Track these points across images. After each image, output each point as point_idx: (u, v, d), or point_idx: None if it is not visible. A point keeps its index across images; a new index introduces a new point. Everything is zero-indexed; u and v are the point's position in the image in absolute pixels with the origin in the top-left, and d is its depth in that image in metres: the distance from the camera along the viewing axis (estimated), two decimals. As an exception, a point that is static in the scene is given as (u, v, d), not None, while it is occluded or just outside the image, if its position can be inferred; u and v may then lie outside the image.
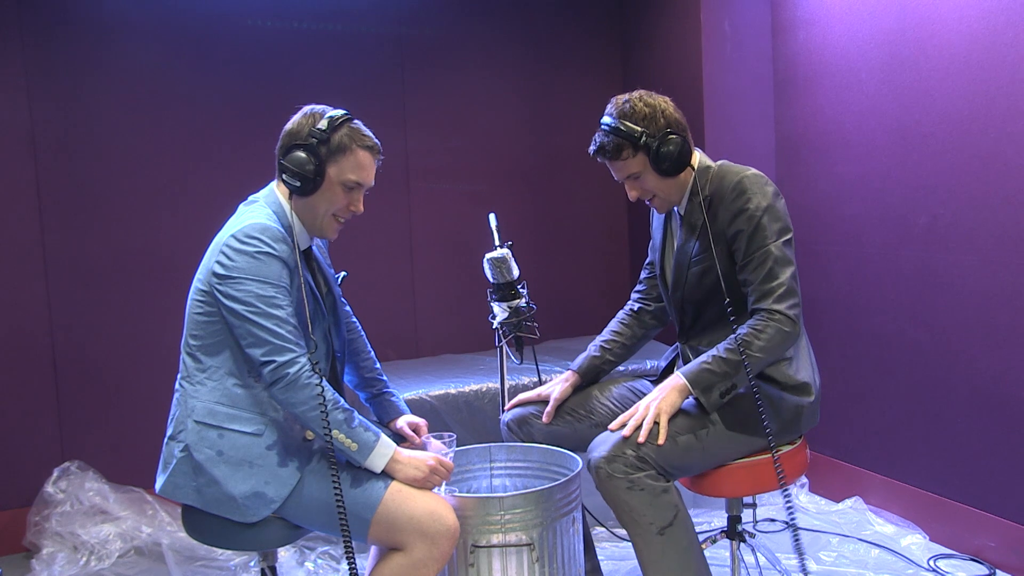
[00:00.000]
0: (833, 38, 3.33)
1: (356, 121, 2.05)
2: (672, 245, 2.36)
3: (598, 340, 2.52)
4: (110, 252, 3.44)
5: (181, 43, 3.50)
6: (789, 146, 3.61)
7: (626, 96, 2.21)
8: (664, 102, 2.20)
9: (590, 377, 2.47)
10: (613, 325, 2.55)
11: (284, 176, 1.99)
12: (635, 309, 2.55)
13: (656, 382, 2.43)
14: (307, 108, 2.06)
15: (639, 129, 2.15)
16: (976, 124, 2.80)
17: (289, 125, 2.04)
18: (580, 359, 2.49)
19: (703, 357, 2.14)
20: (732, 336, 2.11)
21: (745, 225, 2.14)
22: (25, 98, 3.31)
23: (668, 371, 2.43)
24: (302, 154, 1.97)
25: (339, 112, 2.03)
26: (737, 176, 2.19)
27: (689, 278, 2.27)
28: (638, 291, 2.57)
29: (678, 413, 2.14)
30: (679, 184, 2.24)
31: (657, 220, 2.46)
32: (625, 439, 2.09)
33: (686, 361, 2.31)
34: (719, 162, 2.28)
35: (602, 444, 2.12)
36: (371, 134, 2.06)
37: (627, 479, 2.05)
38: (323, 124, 1.99)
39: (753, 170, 2.21)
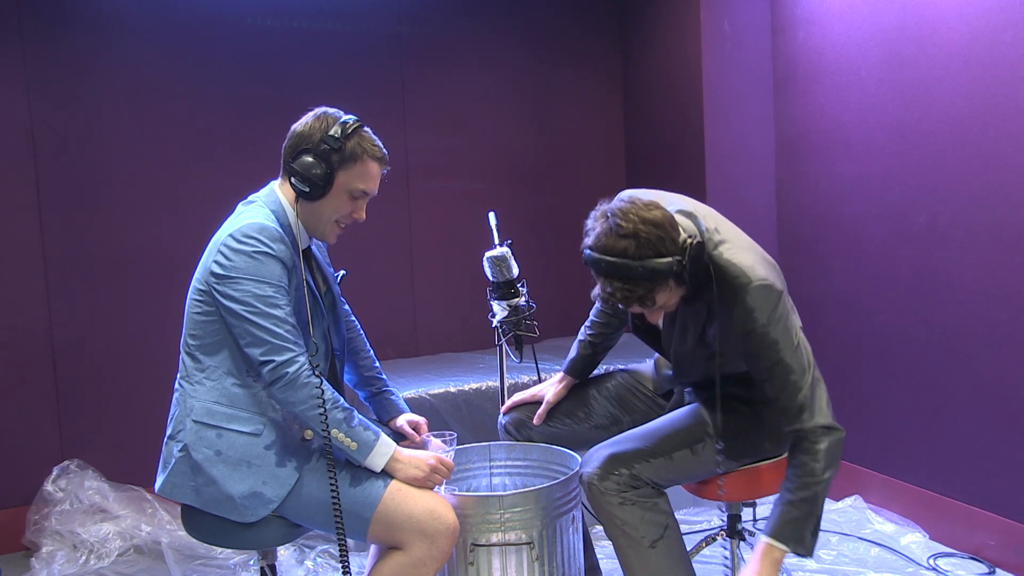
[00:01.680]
0: (833, 37, 3.33)
1: (366, 128, 2.04)
2: (665, 318, 2.17)
3: (583, 334, 2.43)
4: (110, 251, 3.44)
5: (180, 42, 3.50)
6: (789, 145, 3.61)
7: (614, 222, 1.85)
8: (651, 208, 1.87)
9: (582, 375, 2.44)
10: (594, 316, 2.43)
11: (293, 179, 1.99)
12: None
13: (663, 396, 2.41)
14: (319, 110, 2.04)
15: (669, 260, 1.84)
16: (976, 123, 2.80)
17: (300, 127, 2.02)
18: (569, 359, 2.43)
19: (776, 507, 1.93)
20: (792, 472, 1.93)
21: (756, 343, 1.92)
22: (25, 96, 3.30)
23: (669, 393, 2.39)
24: (313, 159, 1.97)
25: (351, 118, 2.02)
26: (741, 291, 1.90)
27: (694, 362, 2.13)
28: None
29: (674, 430, 2.13)
30: None
31: None
32: (617, 455, 2.07)
33: (681, 398, 2.27)
34: (711, 241, 1.96)
35: (594, 459, 2.10)
36: (380, 143, 2.06)
37: (619, 495, 2.05)
38: (336, 131, 1.98)
39: (757, 277, 1.91)
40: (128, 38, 3.43)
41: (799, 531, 1.90)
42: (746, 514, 3.05)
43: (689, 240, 1.88)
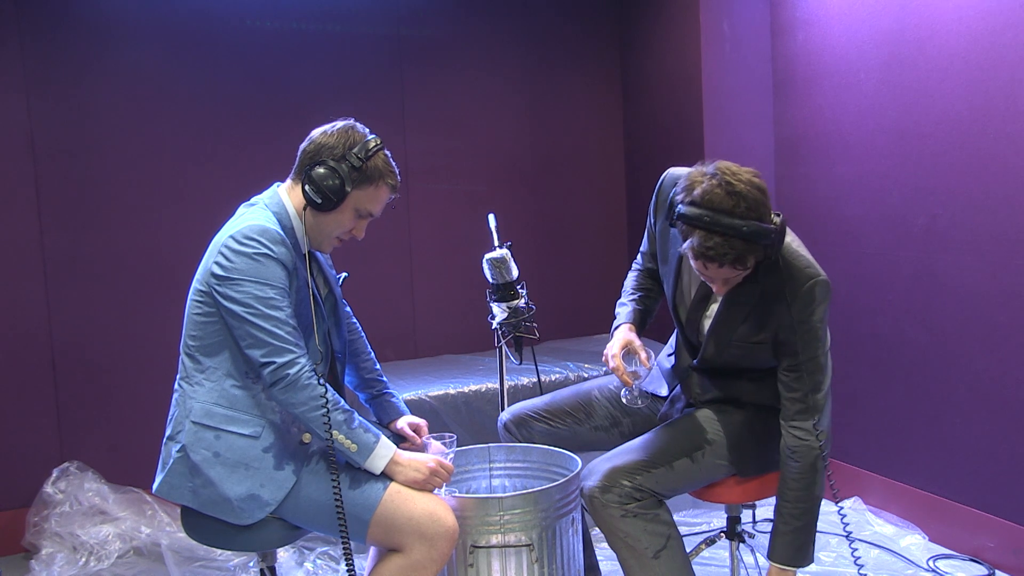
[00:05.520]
0: (832, 39, 3.34)
1: (387, 151, 2.04)
2: (696, 295, 2.18)
3: (631, 296, 2.36)
4: (109, 252, 3.44)
5: (180, 43, 3.50)
6: (788, 147, 3.61)
7: (723, 179, 1.87)
8: (756, 175, 1.91)
9: (641, 328, 2.32)
10: (640, 280, 2.40)
11: (307, 187, 1.98)
12: (649, 276, 2.42)
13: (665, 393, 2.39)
14: (346, 123, 2.04)
15: (769, 227, 1.87)
16: (975, 124, 2.80)
17: (324, 137, 2.01)
18: (629, 313, 2.30)
19: (776, 528, 2.07)
20: (786, 490, 2.06)
21: (804, 333, 2.00)
22: (24, 98, 3.30)
23: (682, 382, 2.35)
24: (332, 172, 1.96)
25: (375, 138, 2.02)
26: (810, 280, 1.98)
27: (728, 351, 2.14)
28: (649, 270, 2.42)
29: (673, 439, 2.13)
30: None
31: (675, 248, 2.19)
32: (618, 467, 2.07)
33: (691, 383, 2.26)
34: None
35: (596, 472, 2.10)
36: (397, 170, 2.06)
37: (622, 507, 2.05)
38: (360, 150, 1.98)
39: (822, 272, 2.01)
40: (127, 40, 3.43)
41: (804, 547, 2.07)
42: (745, 516, 3.05)
43: (777, 216, 1.92)
